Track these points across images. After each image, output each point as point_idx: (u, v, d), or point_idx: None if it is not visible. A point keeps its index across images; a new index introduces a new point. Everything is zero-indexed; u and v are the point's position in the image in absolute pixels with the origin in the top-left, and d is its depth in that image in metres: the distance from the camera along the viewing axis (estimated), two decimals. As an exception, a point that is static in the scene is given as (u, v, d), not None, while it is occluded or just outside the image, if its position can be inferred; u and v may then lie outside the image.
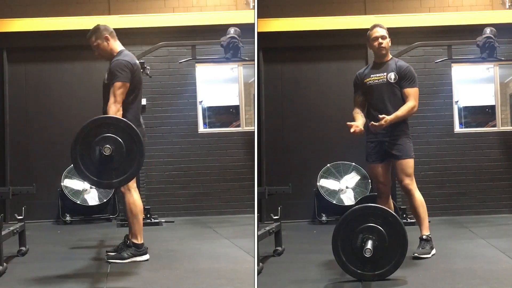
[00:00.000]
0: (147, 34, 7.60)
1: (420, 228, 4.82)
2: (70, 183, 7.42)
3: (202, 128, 8.03)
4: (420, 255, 4.62)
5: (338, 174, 7.46)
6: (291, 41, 7.75)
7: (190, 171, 7.85)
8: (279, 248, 4.99)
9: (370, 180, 7.36)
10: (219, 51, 7.08)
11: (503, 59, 7.30)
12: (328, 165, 7.49)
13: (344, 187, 7.39)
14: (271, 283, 4.06)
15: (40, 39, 7.64)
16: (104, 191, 7.44)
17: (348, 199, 7.32)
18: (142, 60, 6.10)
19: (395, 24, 6.95)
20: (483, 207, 7.59)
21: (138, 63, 4.78)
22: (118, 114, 4.42)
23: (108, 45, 4.74)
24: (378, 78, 4.83)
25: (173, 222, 7.21)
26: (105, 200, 7.51)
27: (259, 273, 4.17)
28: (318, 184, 7.42)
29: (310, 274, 4.32)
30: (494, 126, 7.89)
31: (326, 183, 7.43)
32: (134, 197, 4.61)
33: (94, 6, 7.93)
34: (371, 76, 4.87)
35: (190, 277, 4.17)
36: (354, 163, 7.46)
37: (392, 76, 4.79)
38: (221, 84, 8.36)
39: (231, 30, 6.92)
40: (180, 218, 7.48)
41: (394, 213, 4.09)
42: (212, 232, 6.43)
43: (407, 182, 4.78)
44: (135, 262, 4.56)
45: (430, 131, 7.64)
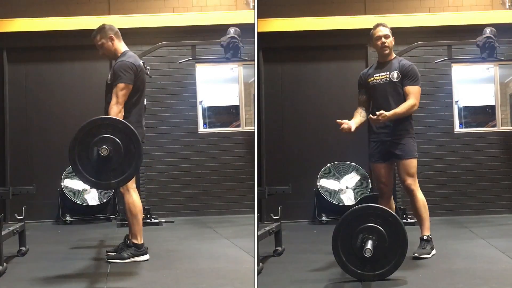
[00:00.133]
0: (147, 34, 7.60)
1: (421, 229, 4.80)
2: (70, 183, 7.43)
3: (202, 128, 8.03)
4: (420, 255, 4.61)
5: (338, 174, 7.45)
6: (291, 41, 7.75)
7: (190, 171, 7.85)
8: (279, 248, 4.99)
9: (370, 180, 7.36)
10: (219, 51, 7.08)
11: (503, 59, 7.30)
12: (328, 165, 7.49)
13: (344, 187, 7.39)
14: (271, 283, 4.06)
15: (40, 39, 7.64)
16: (104, 191, 7.45)
17: (348, 199, 7.32)
18: (142, 60, 6.07)
19: (395, 24, 6.88)
20: (483, 207, 7.60)
21: (142, 65, 4.79)
22: (119, 115, 4.43)
23: (113, 45, 4.74)
24: (381, 78, 4.81)
25: (173, 222, 7.22)
26: (105, 200, 7.51)
27: (259, 273, 4.17)
28: (318, 184, 7.42)
29: (310, 274, 4.32)
30: (494, 126, 7.89)
31: (326, 183, 7.43)
32: (133, 197, 4.61)
33: (94, 6, 7.94)
34: (375, 75, 4.86)
35: (190, 277, 4.17)
36: (354, 163, 7.46)
37: (394, 75, 4.77)
38: (221, 84, 8.36)
39: (231, 30, 6.92)
40: (180, 218, 7.48)
41: (395, 213, 4.09)
42: (212, 232, 6.43)
43: (409, 182, 4.75)
44: (135, 262, 4.56)
45: (430, 131, 7.63)
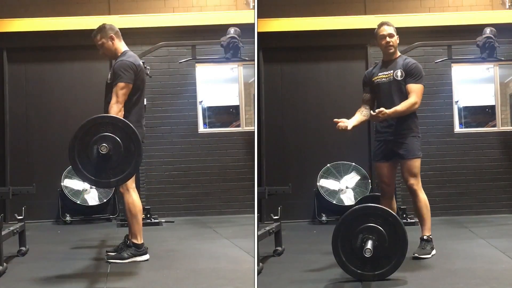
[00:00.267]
0: (147, 34, 7.60)
1: (422, 229, 4.79)
2: (70, 183, 7.43)
3: (202, 128, 8.03)
4: (420, 256, 4.61)
5: (338, 174, 7.45)
6: (291, 41, 7.75)
7: (190, 171, 7.85)
8: (279, 248, 4.99)
9: (370, 180, 7.36)
10: (219, 51, 7.08)
11: (503, 59, 7.30)
12: (328, 165, 7.49)
13: (344, 187, 7.38)
14: (271, 283, 4.06)
15: (40, 39, 7.64)
16: (104, 191, 7.45)
17: (348, 199, 7.31)
18: (142, 60, 6.07)
19: (395, 24, 6.84)
20: (483, 207, 7.60)
21: (142, 65, 4.80)
22: (119, 114, 4.43)
23: (113, 44, 4.74)
24: (386, 76, 4.80)
25: (173, 222, 7.21)
26: (105, 200, 7.51)
27: (259, 273, 4.16)
28: (318, 184, 7.42)
29: (310, 274, 4.32)
30: (494, 126, 7.89)
31: (326, 183, 7.42)
32: (133, 197, 4.61)
33: (94, 6, 7.93)
34: (379, 74, 4.84)
35: (190, 277, 4.17)
36: (354, 163, 7.45)
37: (398, 73, 4.75)
38: (221, 84, 8.36)
39: (231, 30, 6.92)
40: (180, 218, 7.48)
41: (395, 213, 4.09)
42: (212, 232, 6.43)
43: (412, 182, 4.73)
44: (135, 262, 4.56)
45: (430, 131, 7.62)
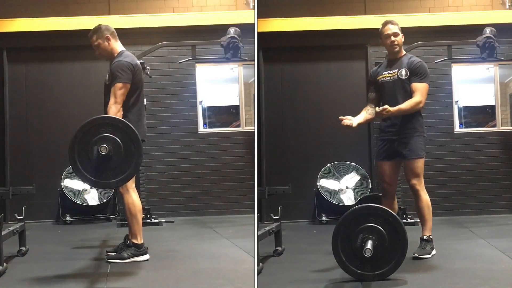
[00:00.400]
0: (147, 34, 7.60)
1: (422, 229, 4.78)
2: (70, 183, 7.43)
3: (202, 128, 8.03)
4: (420, 256, 4.61)
5: (338, 174, 7.45)
6: (291, 41, 7.75)
7: (190, 171, 7.85)
8: (279, 248, 4.99)
9: (370, 180, 7.36)
10: (219, 51, 7.08)
11: (503, 59, 7.31)
12: (328, 165, 7.48)
13: (344, 187, 7.38)
14: (271, 283, 4.06)
15: (40, 39, 7.64)
16: (104, 191, 7.45)
17: (348, 199, 7.31)
18: (142, 60, 6.10)
19: (395, 24, 6.95)
20: (483, 207, 7.60)
21: (139, 64, 4.79)
22: (118, 114, 4.43)
23: (109, 45, 4.74)
24: (390, 75, 4.78)
25: (173, 222, 7.22)
26: (105, 200, 7.51)
27: (259, 273, 4.16)
28: (318, 184, 7.42)
29: (310, 274, 4.32)
30: (494, 126, 7.89)
31: (326, 183, 7.42)
32: (133, 197, 4.61)
33: (94, 6, 7.94)
34: (384, 73, 4.83)
35: (190, 277, 4.17)
36: (354, 163, 7.45)
37: (403, 72, 4.74)
38: (221, 84, 8.36)
39: (231, 30, 6.92)
40: (180, 218, 7.48)
41: (395, 213, 4.09)
42: (212, 232, 6.43)
43: (414, 182, 4.72)
44: (135, 262, 4.56)
45: (430, 131, 7.58)
